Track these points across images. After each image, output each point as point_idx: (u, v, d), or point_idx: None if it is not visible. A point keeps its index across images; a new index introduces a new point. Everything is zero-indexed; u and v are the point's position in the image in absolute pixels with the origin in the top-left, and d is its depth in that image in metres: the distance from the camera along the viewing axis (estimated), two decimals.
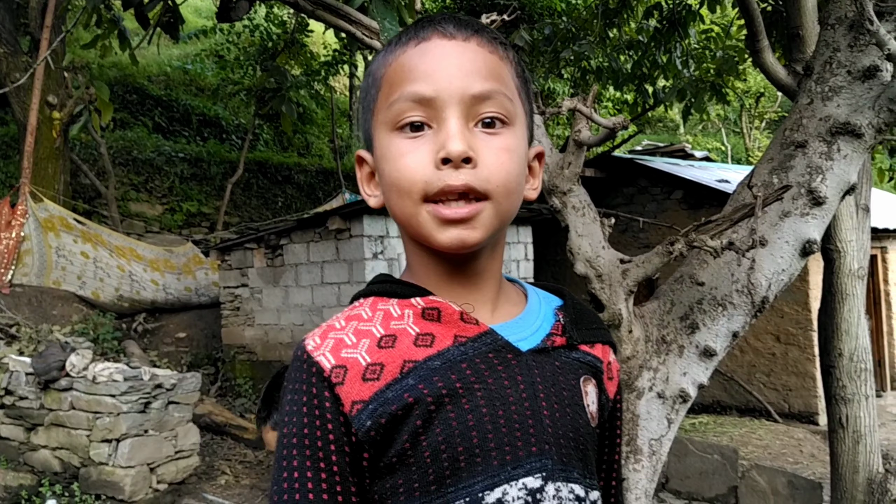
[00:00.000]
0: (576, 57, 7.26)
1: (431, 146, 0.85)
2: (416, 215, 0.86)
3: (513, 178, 0.88)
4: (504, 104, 0.88)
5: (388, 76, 0.90)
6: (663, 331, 2.80)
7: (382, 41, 2.80)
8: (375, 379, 0.84)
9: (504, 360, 0.88)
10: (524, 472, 0.84)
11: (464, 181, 0.84)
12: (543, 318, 0.96)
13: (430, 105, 0.86)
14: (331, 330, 0.89)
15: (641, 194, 9.65)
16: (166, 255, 9.90)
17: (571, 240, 2.71)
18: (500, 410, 0.85)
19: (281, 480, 0.83)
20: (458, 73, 0.86)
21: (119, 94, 12.94)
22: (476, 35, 0.89)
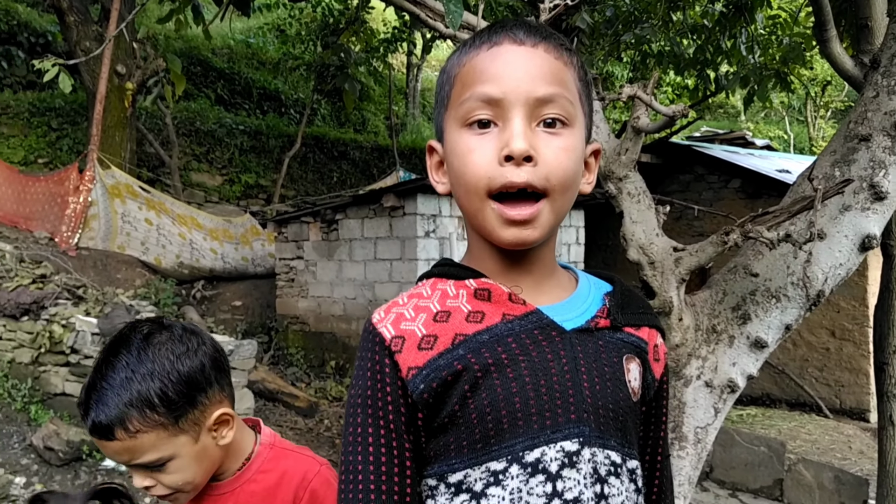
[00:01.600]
0: (637, 40, 7.17)
1: (496, 143, 0.93)
2: (481, 210, 0.95)
3: (570, 176, 0.95)
4: (565, 107, 0.94)
5: (460, 76, 0.97)
6: (714, 320, 2.81)
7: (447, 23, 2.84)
8: (429, 349, 0.95)
9: (548, 337, 0.97)
10: (562, 437, 0.93)
11: (524, 178, 0.91)
12: (591, 301, 1.04)
13: (498, 105, 0.93)
14: (394, 305, 1.01)
15: (698, 182, 9.51)
16: (225, 225, 10.16)
17: (625, 226, 2.74)
18: (542, 380, 0.94)
19: (348, 434, 0.97)
20: (525, 76, 0.93)
21: (184, 65, 13.21)
22: (544, 42, 0.96)
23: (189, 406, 1.26)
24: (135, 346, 1.25)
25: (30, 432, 5.66)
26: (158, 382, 1.22)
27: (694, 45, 7.25)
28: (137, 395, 1.20)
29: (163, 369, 1.23)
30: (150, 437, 1.21)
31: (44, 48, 12.79)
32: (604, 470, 0.94)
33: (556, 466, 0.92)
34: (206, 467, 1.30)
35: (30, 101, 11.25)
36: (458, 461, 0.94)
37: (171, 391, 1.22)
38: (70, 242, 8.45)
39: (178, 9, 3.67)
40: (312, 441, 6.73)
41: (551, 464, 0.91)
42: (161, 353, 1.25)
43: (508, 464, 0.91)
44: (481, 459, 0.93)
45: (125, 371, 1.22)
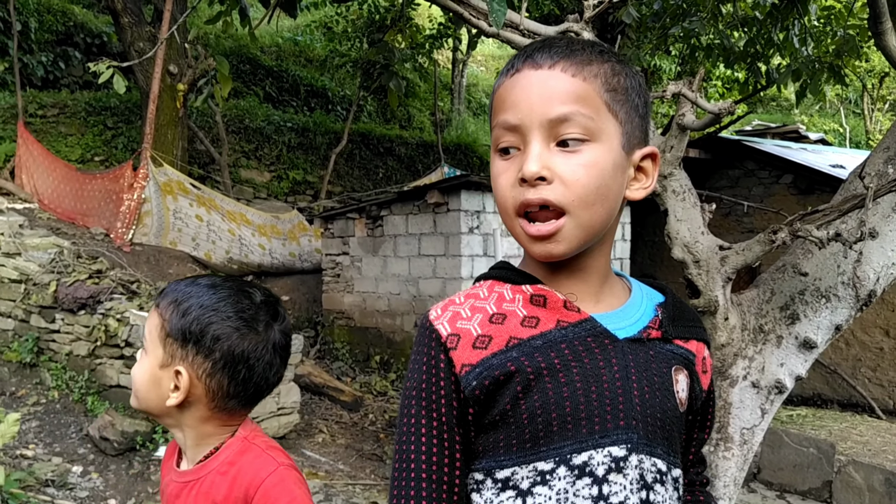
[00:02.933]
0: (685, 34, 7.06)
1: (516, 167, 0.98)
2: (513, 228, 1.01)
3: (591, 192, 0.96)
4: (583, 123, 0.96)
5: (493, 103, 1.03)
6: (761, 320, 2.77)
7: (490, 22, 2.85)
8: (483, 348, 0.99)
9: (601, 345, 1.00)
10: (610, 442, 0.96)
11: (540, 197, 0.96)
12: (644, 311, 1.07)
13: (517, 131, 0.98)
14: (451, 304, 1.05)
15: (748, 177, 9.32)
16: (273, 221, 10.33)
17: (670, 224, 2.71)
18: (593, 386, 0.97)
19: (402, 424, 1.02)
20: (539, 100, 0.96)
21: (233, 64, 13.46)
22: (562, 61, 0.98)
23: (183, 342, 1.30)
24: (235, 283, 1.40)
25: (86, 423, 5.85)
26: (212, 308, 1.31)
27: (744, 37, 7.11)
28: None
29: (219, 301, 1.32)
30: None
31: (99, 49, 13.16)
32: (650, 477, 0.97)
33: (602, 470, 0.94)
34: (148, 391, 1.34)
35: (86, 100, 11.58)
36: (507, 458, 0.98)
37: (194, 320, 1.30)
38: (124, 238, 8.69)
39: (226, 10, 3.75)
40: (357, 435, 6.81)
41: (598, 468, 0.94)
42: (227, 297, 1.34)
43: (556, 465, 0.95)
44: (529, 459, 0.96)
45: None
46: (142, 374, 1.33)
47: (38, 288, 6.70)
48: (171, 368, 1.30)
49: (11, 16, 10.48)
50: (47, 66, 12.42)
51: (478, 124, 17.94)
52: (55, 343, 6.61)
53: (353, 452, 6.37)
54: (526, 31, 2.72)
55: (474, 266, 8.07)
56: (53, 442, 5.65)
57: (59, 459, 5.36)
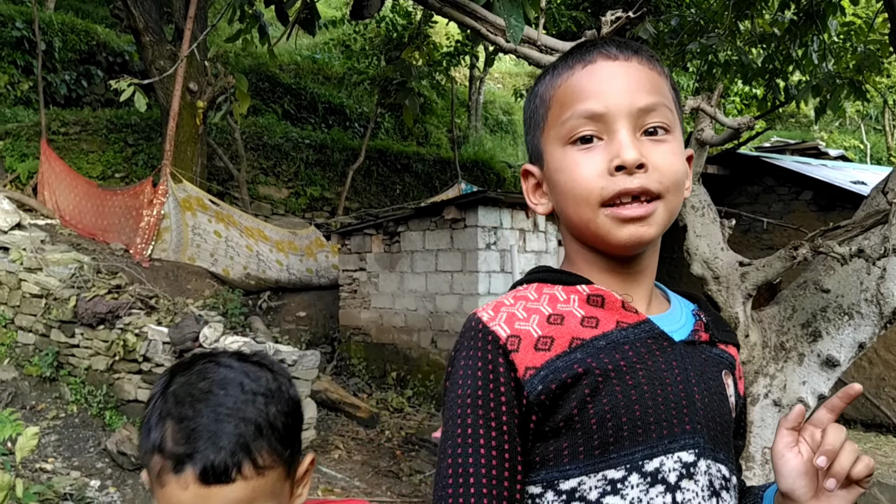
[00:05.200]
0: (703, 50, 7.05)
1: (604, 156, 0.94)
2: (593, 219, 0.96)
3: (681, 177, 0.98)
4: (666, 114, 0.97)
5: (557, 97, 0.99)
6: (782, 337, 2.73)
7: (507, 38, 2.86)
8: (546, 349, 0.93)
9: (661, 347, 0.96)
10: (679, 447, 0.92)
11: (639, 184, 0.93)
12: (686, 317, 1.04)
13: (601, 120, 0.95)
14: (501, 305, 0.98)
15: (767, 194, 9.26)
16: (290, 237, 10.38)
17: (689, 240, 2.69)
18: (659, 389, 0.93)
19: (456, 436, 0.92)
20: (625, 89, 0.95)
21: (253, 81, 13.59)
22: (636, 55, 0.98)
23: (298, 444, 1.04)
24: (234, 365, 1.03)
25: (104, 437, 5.88)
26: (277, 405, 1.00)
27: (763, 54, 7.09)
28: (262, 416, 0.97)
29: (277, 390, 1.02)
30: (272, 477, 0.97)
31: (121, 67, 13.34)
32: (717, 483, 0.94)
33: (674, 477, 0.91)
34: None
35: (108, 117, 11.74)
36: (573, 467, 0.91)
37: (290, 416, 1.01)
38: (144, 254, 8.76)
39: (246, 29, 3.79)
40: (374, 451, 6.79)
41: (670, 474, 0.90)
42: (265, 375, 1.03)
43: (628, 472, 0.90)
44: (598, 467, 0.90)
45: (235, 393, 0.98)
46: None
47: (59, 303, 6.76)
48: (297, 479, 1.06)
49: (36, 35, 10.67)
50: (70, 85, 12.62)
51: (494, 141, 17.98)
52: (74, 357, 6.66)
53: (370, 469, 6.34)
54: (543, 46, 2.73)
55: (491, 282, 8.05)
56: (72, 456, 5.67)
57: (78, 473, 5.38)
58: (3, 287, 7.32)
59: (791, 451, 0.93)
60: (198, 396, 0.98)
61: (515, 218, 8.30)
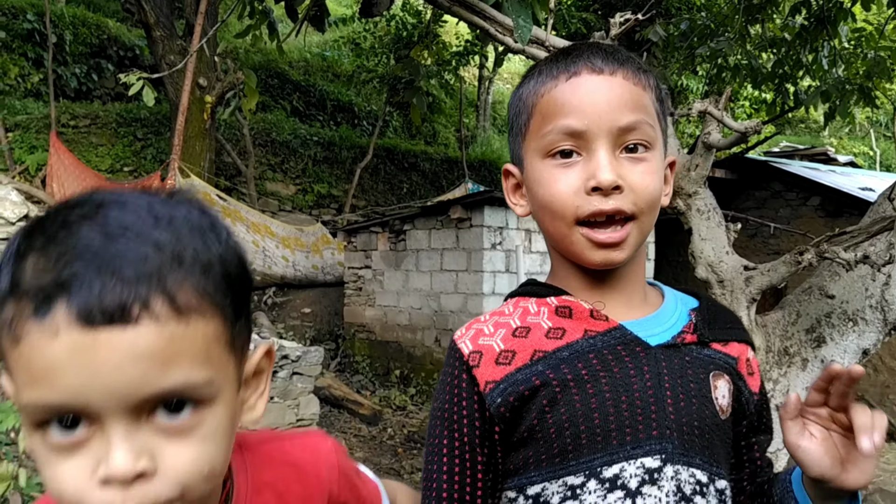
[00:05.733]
0: (712, 54, 7.03)
1: (582, 174, 0.95)
2: (568, 236, 0.97)
3: (655, 197, 0.98)
4: (647, 131, 0.96)
5: (540, 107, 0.99)
6: (786, 342, 2.73)
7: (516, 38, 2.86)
8: (507, 363, 0.97)
9: (632, 353, 0.97)
10: (643, 453, 0.92)
11: (613, 205, 0.94)
12: (678, 317, 1.04)
13: (581, 137, 0.95)
14: (475, 322, 1.03)
15: (775, 199, 9.24)
16: (297, 234, 10.40)
17: (694, 243, 2.69)
18: (624, 396, 0.94)
19: (428, 444, 1.01)
20: (607, 107, 0.95)
21: (262, 78, 13.63)
22: (622, 68, 0.97)
23: (247, 313, 0.73)
24: (150, 198, 0.68)
25: None
26: (208, 240, 0.67)
27: (773, 58, 7.07)
28: (182, 245, 0.65)
29: (211, 226, 0.69)
30: (202, 331, 0.65)
31: (131, 61, 13.39)
32: (688, 489, 0.93)
33: (635, 483, 0.91)
34: (226, 450, 0.70)
35: (117, 111, 11.78)
36: (537, 474, 0.95)
37: (230, 263, 0.69)
38: None
39: (255, 25, 3.81)
40: (375, 449, 6.80)
41: (631, 480, 0.91)
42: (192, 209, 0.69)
43: (586, 479, 0.92)
44: (559, 473, 0.93)
45: (142, 214, 0.65)
46: (212, 440, 0.67)
47: None
48: (247, 369, 0.75)
49: (47, 28, 10.71)
50: (80, 78, 12.67)
51: (502, 141, 17.96)
52: None
53: (371, 466, 6.32)
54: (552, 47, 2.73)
55: (496, 282, 8.05)
56: None
57: None
58: None
59: (804, 438, 0.93)
60: (75, 220, 0.63)
61: (522, 219, 8.31)
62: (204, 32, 8.27)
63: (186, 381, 0.64)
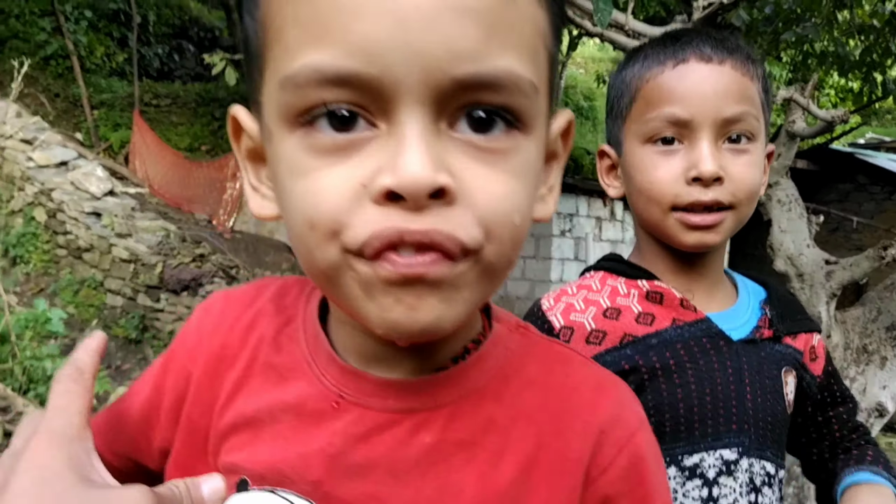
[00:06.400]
0: (798, 40, 6.78)
1: (683, 163, 0.95)
2: (663, 220, 0.98)
3: (755, 188, 0.98)
4: (751, 123, 0.96)
5: (644, 92, 0.99)
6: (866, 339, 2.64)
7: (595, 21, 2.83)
8: (597, 343, 0.98)
9: (716, 346, 0.99)
10: (722, 445, 0.95)
11: (712, 197, 0.95)
12: (752, 311, 1.05)
13: (685, 126, 0.95)
14: (563, 294, 1.03)
15: (858, 192, 8.89)
16: None
17: (773, 235, 2.62)
18: (707, 389, 0.96)
19: None
20: (713, 97, 0.94)
21: None
22: (730, 57, 0.96)
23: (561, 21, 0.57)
24: None
25: None
26: None
27: (861, 46, 6.78)
28: None
29: None
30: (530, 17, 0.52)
31: (211, 42, 13.74)
32: (759, 480, 0.97)
33: (713, 473, 0.94)
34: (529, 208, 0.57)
35: (197, 91, 12.13)
36: None
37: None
38: (226, 225, 9.05)
39: None
40: None
41: (709, 470, 0.94)
42: None
43: (666, 465, 0.93)
44: None
45: None
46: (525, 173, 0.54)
47: (146, 268, 7.07)
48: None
49: (132, 9, 11.09)
50: (163, 58, 13.08)
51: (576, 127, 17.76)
52: (159, 321, 6.97)
53: None
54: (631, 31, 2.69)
55: (564, 269, 8.00)
56: None
57: None
58: (95, 251, 7.69)
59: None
60: None
61: (592, 206, 8.22)
62: None
63: (511, 71, 0.49)
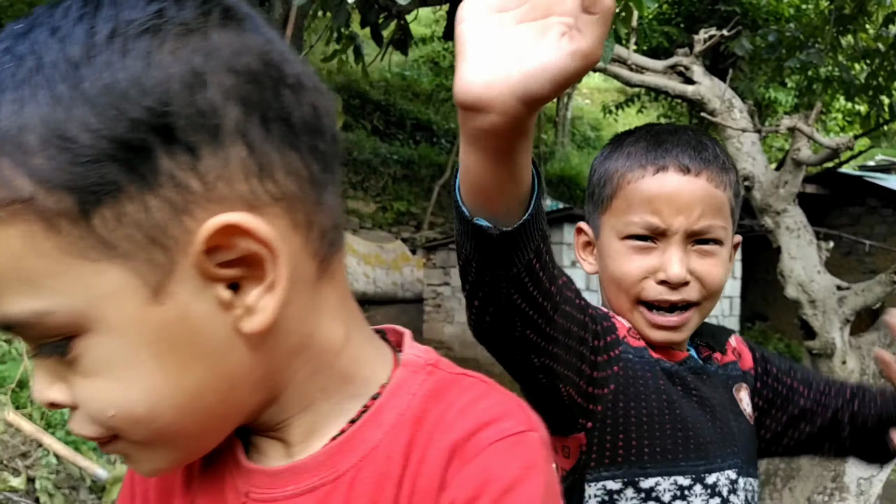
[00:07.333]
0: (802, 66, 6.83)
1: (654, 262, 1.03)
2: (630, 311, 1.06)
3: (721, 285, 1.07)
4: (719, 233, 1.05)
5: (626, 192, 1.06)
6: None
7: None
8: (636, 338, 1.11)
9: (701, 379, 1.08)
10: (728, 466, 1.04)
11: (680, 297, 1.03)
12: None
13: (660, 231, 1.03)
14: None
15: (870, 215, 8.85)
16: (378, 251, 10.58)
17: (783, 262, 2.63)
18: (709, 415, 1.05)
19: None
20: (687, 209, 1.02)
21: (344, 98, 13.96)
22: (706, 169, 1.04)
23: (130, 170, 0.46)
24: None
25: None
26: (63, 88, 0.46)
27: (866, 70, 6.81)
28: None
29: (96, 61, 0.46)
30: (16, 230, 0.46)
31: None
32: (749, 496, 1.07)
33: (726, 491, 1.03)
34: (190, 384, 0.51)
35: None
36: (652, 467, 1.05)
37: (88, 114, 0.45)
38: None
39: (342, 49, 3.93)
40: None
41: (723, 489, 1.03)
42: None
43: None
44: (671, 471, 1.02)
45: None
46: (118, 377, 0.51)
47: None
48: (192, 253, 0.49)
49: None
50: None
51: (581, 157, 17.84)
52: None
53: None
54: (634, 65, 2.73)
55: None
56: None
57: None
58: None
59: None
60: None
61: None
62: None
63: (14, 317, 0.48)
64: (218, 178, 0.48)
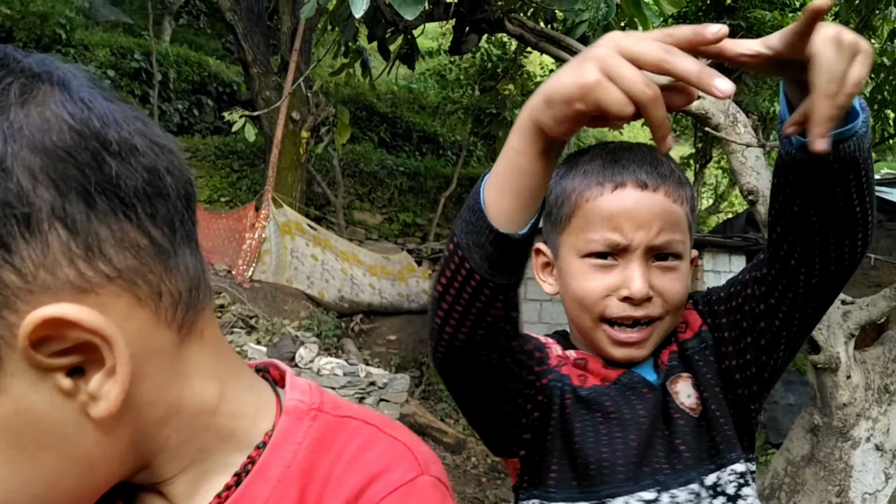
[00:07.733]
0: None
1: (615, 280, 1.02)
2: (593, 330, 1.05)
3: (682, 300, 1.05)
4: (678, 247, 1.04)
5: (584, 211, 1.05)
6: (887, 379, 2.63)
7: None
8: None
9: (639, 394, 1.05)
10: (640, 488, 0.99)
11: (643, 313, 1.02)
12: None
13: (620, 248, 1.02)
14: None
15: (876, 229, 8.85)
16: (383, 262, 10.61)
17: None
18: (633, 435, 1.02)
19: None
20: (646, 225, 1.01)
21: (351, 110, 14.05)
22: (664, 184, 1.03)
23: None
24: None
25: None
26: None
27: (870, 84, 6.83)
28: None
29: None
30: None
31: (229, 97, 14.06)
32: (684, 498, 1.00)
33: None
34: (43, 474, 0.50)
35: (216, 144, 12.36)
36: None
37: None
38: (245, 275, 9.14)
39: (349, 63, 3.99)
40: (459, 478, 6.82)
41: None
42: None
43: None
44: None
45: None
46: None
47: None
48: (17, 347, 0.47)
49: (153, 67, 11.40)
50: (183, 113, 13.39)
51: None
52: None
53: (455, 495, 6.36)
54: None
55: None
56: None
57: None
58: None
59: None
60: None
61: None
62: (298, 69, 8.63)
63: None
64: (38, 266, 0.45)
